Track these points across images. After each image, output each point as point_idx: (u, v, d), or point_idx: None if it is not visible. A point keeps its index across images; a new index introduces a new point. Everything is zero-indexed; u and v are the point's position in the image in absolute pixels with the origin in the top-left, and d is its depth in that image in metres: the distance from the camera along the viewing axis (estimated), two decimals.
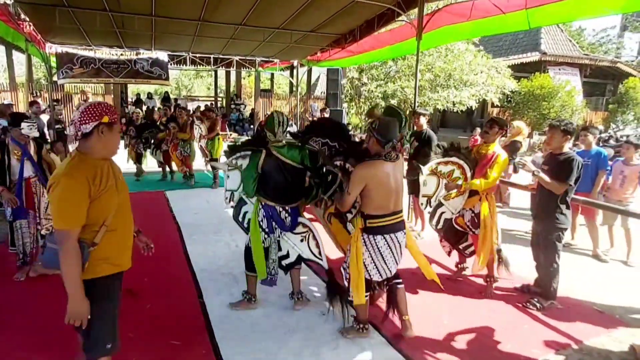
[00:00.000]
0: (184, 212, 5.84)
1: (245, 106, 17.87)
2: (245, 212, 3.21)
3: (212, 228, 5.17)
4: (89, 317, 1.77)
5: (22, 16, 6.24)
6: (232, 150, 3.08)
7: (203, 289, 3.55)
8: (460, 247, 3.81)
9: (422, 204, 3.81)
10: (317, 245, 3.06)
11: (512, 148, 5.44)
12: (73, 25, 6.69)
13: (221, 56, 10.83)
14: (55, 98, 9.54)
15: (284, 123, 2.95)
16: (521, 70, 15.63)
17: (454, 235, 3.78)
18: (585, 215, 4.86)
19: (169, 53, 9.76)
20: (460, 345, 2.87)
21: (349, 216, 3.04)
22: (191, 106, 20.91)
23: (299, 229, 3.06)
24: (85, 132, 1.74)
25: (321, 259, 3.07)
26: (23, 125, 3.41)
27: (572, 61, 16.79)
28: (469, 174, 3.55)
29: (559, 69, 16.58)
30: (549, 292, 3.36)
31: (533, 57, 15.92)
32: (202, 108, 17.89)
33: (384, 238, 2.65)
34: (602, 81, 19.78)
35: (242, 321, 3.04)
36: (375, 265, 2.70)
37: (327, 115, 7.97)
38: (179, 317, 3.08)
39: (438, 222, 3.81)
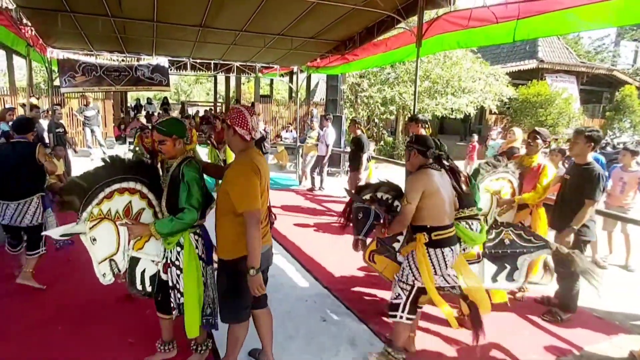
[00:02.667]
0: None
1: None
2: (143, 272, 2.36)
3: (212, 229, 5.15)
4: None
5: (25, 21, 6.26)
6: (80, 191, 2.07)
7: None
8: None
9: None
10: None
11: (509, 154, 5.45)
12: (75, 30, 6.71)
13: (221, 62, 10.88)
14: (56, 102, 9.56)
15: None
16: (519, 78, 15.76)
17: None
18: None
19: (170, 58, 9.79)
20: (462, 350, 2.86)
21: (397, 246, 2.86)
22: (190, 111, 20.99)
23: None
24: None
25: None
26: None
27: (569, 69, 16.95)
28: (517, 189, 3.61)
29: (556, 77, 16.73)
30: (569, 305, 3.32)
31: (530, 64, 16.07)
32: (201, 113, 18.04)
33: (452, 250, 2.49)
34: (598, 89, 19.95)
35: None
36: (435, 271, 2.52)
37: (329, 122, 7.98)
38: (179, 323, 3.06)
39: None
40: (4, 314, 3.11)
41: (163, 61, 9.47)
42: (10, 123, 6.55)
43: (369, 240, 2.99)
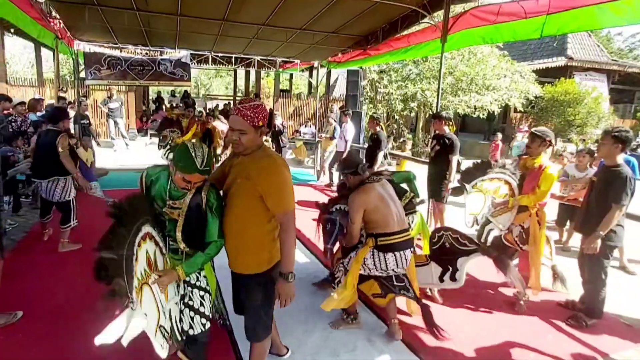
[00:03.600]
0: None
1: None
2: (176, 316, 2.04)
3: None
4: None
5: (54, 14, 6.43)
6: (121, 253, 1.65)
7: (222, 288, 3.57)
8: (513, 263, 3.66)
9: (468, 222, 3.75)
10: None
11: None
12: (101, 23, 6.85)
13: (242, 56, 10.93)
14: (82, 93, 9.81)
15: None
16: (546, 75, 15.27)
17: (503, 252, 3.58)
18: None
19: (192, 52, 9.91)
20: (481, 353, 2.81)
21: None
22: (210, 104, 21.22)
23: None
24: None
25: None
26: None
27: (599, 67, 16.30)
28: (516, 190, 3.50)
29: (585, 75, 16.13)
30: (594, 310, 3.21)
31: (559, 62, 15.53)
32: (221, 107, 18.21)
33: (394, 255, 2.71)
34: (630, 88, 19.13)
35: None
36: (375, 267, 2.78)
37: (348, 118, 7.91)
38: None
39: (486, 240, 3.73)
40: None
41: (185, 56, 9.60)
42: (39, 113, 6.76)
43: (335, 248, 3.16)
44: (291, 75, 19.56)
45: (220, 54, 10.72)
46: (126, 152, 11.27)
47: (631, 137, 3.12)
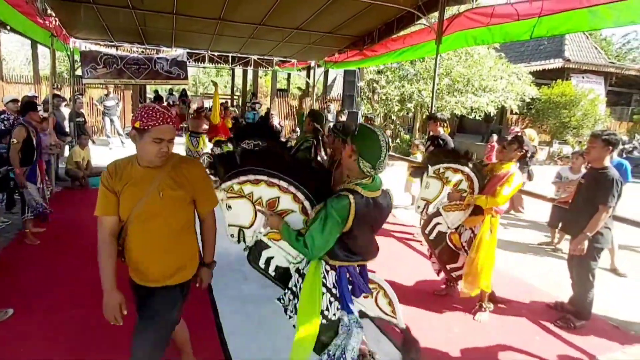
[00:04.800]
0: None
1: (260, 105, 18.01)
2: (270, 258, 2.31)
3: (223, 223, 5.20)
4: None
5: (49, 11, 6.42)
6: (231, 164, 2.16)
7: (213, 284, 3.57)
8: (449, 267, 3.47)
9: (418, 206, 3.51)
10: (390, 303, 2.24)
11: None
12: (97, 22, 6.85)
13: (239, 55, 10.94)
14: (77, 91, 9.79)
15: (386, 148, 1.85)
16: (543, 77, 15.31)
17: (446, 253, 3.45)
18: None
19: (188, 51, 9.90)
20: (469, 353, 2.82)
21: None
22: (207, 104, 21.19)
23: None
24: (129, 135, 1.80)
25: (395, 318, 2.24)
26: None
27: (596, 69, 16.35)
28: (476, 188, 3.28)
29: (583, 77, 16.17)
30: (583, 312, 3.22)
31: (556, 63, 15.57)
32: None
33: None
34: (627, 90, 19.21)
35: (251, 318, 3.06)
36: None
37: (344, 118, 7.94)
38: (189, 312, 3.10)
39: (431, 232, 3.49)
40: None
41: (182, 54, 9.59)
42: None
43: None
44: (289, 74, 19.55)
45: (217, 53, 10.72)
46: (122, 150, 11.25)
47: (620, 139, 3.15)
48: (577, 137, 14.16)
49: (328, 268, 1.98)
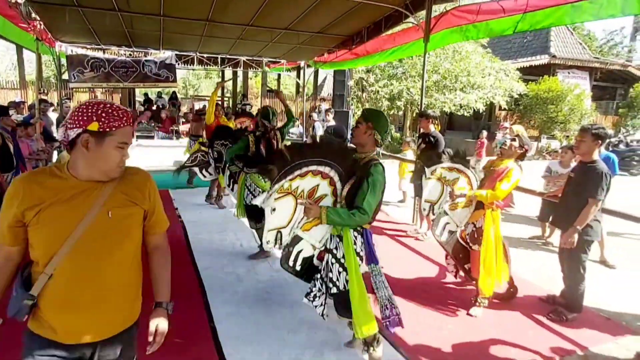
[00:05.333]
0: (188, 210, 5.87)
1: (251, 106, 17.95)
2: (299, 252, 2.44)
3: (217, 227, 5.19)
4: None
5: (33, 15, 6.32)
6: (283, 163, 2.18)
7: (207, 287, 3.56)
8: (466, 267, 3.54)
9: (424, 209, 3.59)
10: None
11: None
12: (82, 25, 6.77)
13: (228, 56, 10.88)
14: (64, 95, 9.66)
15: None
16: (530, 73, 15.51)
17: (460, 251, 3.53)
18: None
19: (177, 53, 9.83)
20: (464, 349, 2.84)
21: None
22: (198, 105, 21.04)
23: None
24: (70, 139, 1.26)
25: None
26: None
27: (582, 64, 16.61)
28: (475, 185, 3.38)
29: (568, 72, 16.42)
30: (574, 305, 3.26)
31: (542, 60, 15.79)
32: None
33: None
34: (612, 85, 19.55)
35: (245, 320, 3.05)
36: None
37: (331, 115, 7.94)
38: (182, 315, 3.08)
39: (442, 233, 3.54)
40: None
41: (170, 57, 9.52)
42: (20, 116, 6.64)
43: None
44: (279, 75, 19.52)
45: (206, 55, 10.65)
46: None
47: (608, 133, 3.20)
48: (565, 131, 14.37)
49: (356, 234, 2.37)
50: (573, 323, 3.20)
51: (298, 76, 13.12)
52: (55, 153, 7.75)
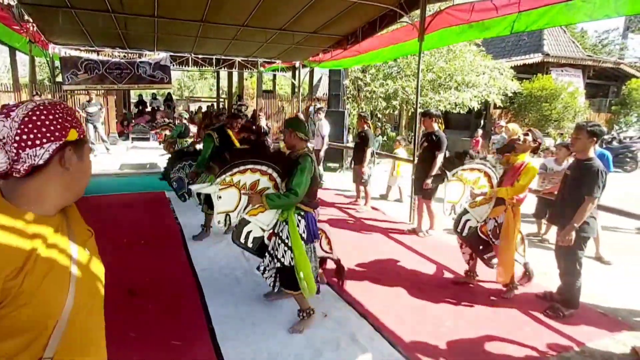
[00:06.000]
0: (185, 212, 5.84)
1: (247, 107, 17.91)
2: (249, 232, 2.95)
3: (214, 228, 5.17)
4: None
5: (26, 17, 6.28)
6: (224, 163, 2.81)
7: (204, 288, 3.56)
8: (485, 257, 3.71)
9: (446, 210, 3.79)
10: (329, 243, 3.34)
11: (510, 147, 5.42)
12: (76, 27, 6.73)
13: (223, 57, 10.86)
14: (61, 98, 9.58)
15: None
16: (524, 72, 15.60)
17: (480, 244, 3.69)
18: None
19: (172, 54, 9.79)
20: (462, 346, 2.86)
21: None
22: (193, 107, 21.00)
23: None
24: (38, 164, 0.87)
25: (332, 253, 3.37)
26: None
27: (575, 62, 16.74)
28: (495, 182, 3.56)
29: (562, 70, 16.53)
30: (571, 301, 3.29)
31: (536, 58, 15.88)
32: (204, 109, 18.02)
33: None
34: (605, 82, 19.71)
35: (244, 321, 3.04)
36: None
37: (322, 114, 7.88)
38: (181, 317, 3.08)
39: (462, 229, 3.74)
40: None
41: (165, 58, 9.49)
42: None
43: None
44: (274, 75, 19.49)
45: (201, 56, 10.62)
46: (107, 156, 11.06)
47: (604, 130, 3.24)
48: (559, 129, 14.46)
49: (300, 218, 2.85)
50: (570, 319, 3.22)
51: (293, 76, 13.13)
52: None
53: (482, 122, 15.71)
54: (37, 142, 0.86)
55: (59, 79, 8.73)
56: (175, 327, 2.92)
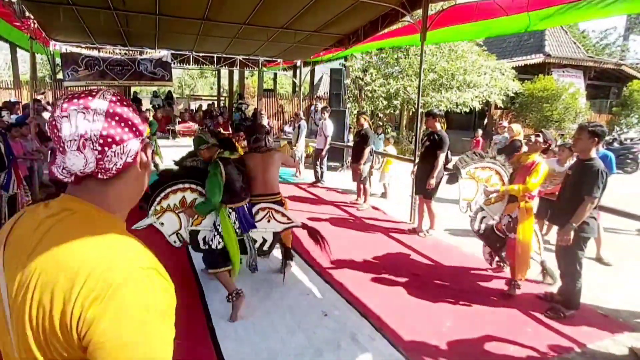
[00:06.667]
0: None
1: (247, 106, 17.88)
2: (204, 237, 3.26)
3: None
4: None
5: (27, 14, 6.26)
6: (151, 195, 3.05)
7: (205, 288, 3.55)
8: (503, 254, 3.84)
9: (462, 207, 3.88)
10: (283, 215, 3.41)
11: (511, 148, 5.42)
12: (77, 24, 6.71)
13: (224, 55, 10.84)
14: (58, 96, 9.56)
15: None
16: (525, 72, 15.57)
17: (496, 241, 3.80)
18: None
19: (173, 52, 9.78)
20: (462, 347, 2.85)
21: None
22: (194, 105, 20.95)
23: (260, 214, 3.34)
24: (124, 161, 0.77)
25: (293, 222, 3.44)
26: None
27: (576, 63, 16.71)
28: (506, 180, 3.67)
29: (563, 71, 16.51)
30: (572, 302, 3.29)
31: (537, 59, 15.85)
32: (205, 107, 18.00)
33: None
34: (606, 84, 19.68)
35: (244, 321, 3.04)
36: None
37: (327, 114, 7.90)
38: (180, 316, 3.05)
39: (480, 226, 3.86)
40: None
41: (166, 55, 9.48)
42: (13, 116, 6.59)
43: None
44: (275, 74, 19.48)
45: (202, 54, 10.60)
46: None
47: (606, 131, 3.24)
48: (560, 130, 14.44)
49: (230, 211, 3.19)
50: (571, 320, 3.21)
51: (294, 75, 13.11)
52: (49, 153, 7.69)
53: (484, 122, 15.70)
54: (125, 137, 0.77)
55: (60, 76, 8.70)
56: (176, 326, 2.90)
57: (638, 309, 3.48)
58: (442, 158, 4.87)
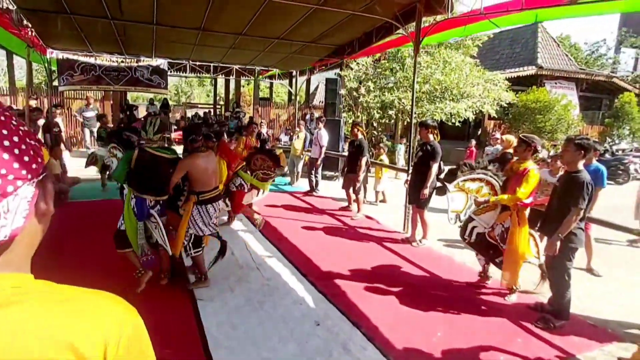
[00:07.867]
0: None
1: (244, 114, 17.96)
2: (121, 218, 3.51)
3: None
4: None
5: (25, 22, 6.30)
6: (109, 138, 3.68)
7: (197, 296, 3.55)
8: (497, 260, 3.85)
9: (450, 219, 3.91)
10: (162, 236, 3.49)
11: (502, 160, 5.48)
12: (74, 32, 6.76)
13: (221, 64, 10.92)
14: (54, 103, 9.58)
15: (155, 125, 3.51)
16: (518, 84, 15.79)
17: (490, 248, 3.84)
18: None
19: (169, 60, 9.84)
20: (453, 356, 2.87)
21: (180, 204, 3.73)
22: (190, 113, 21.00)
23: (152, 219, 3.47)
24: (10, 234, 0.55)
25: (166, 246, 3.51)
26: None
27: (568, 75, 17.00)
28: (498, 190, 3.68)
29: (556, 83, 16.77)
30: (562, 312, 3.32)
31: (529, 70, 16.12)
32: (201, 115, 18.04)
33: (213, 206, 3.59)
34: (598, 95, 20.00)
35: (236, 330, 3.04)
36: (205, 225, 3.57)
37: (322, 124, 7.98)
38: (172, 325, 3.07)
39: (470, 235, 3.88)
40: None
41: (162, 63, 9.54)
42: None
43: None
44: (271, 83, 19.60)
45: (198, 63, 10.68)
46: None
47: (592, 144, 3.31)
48: (552, 141, 14.61)
49: (133, 197, 3.37)
50: (561, 330, 3.24)
51: (290, 84, 13.21)
52: None
53: (478, 132, 15.86)
54: (10, 186, 0.52)
55: (56, 83, 8.72)
56: (166, 336, 2.90)
57: (626, 319, 3.52)
58: (435, 168, 4.94)
